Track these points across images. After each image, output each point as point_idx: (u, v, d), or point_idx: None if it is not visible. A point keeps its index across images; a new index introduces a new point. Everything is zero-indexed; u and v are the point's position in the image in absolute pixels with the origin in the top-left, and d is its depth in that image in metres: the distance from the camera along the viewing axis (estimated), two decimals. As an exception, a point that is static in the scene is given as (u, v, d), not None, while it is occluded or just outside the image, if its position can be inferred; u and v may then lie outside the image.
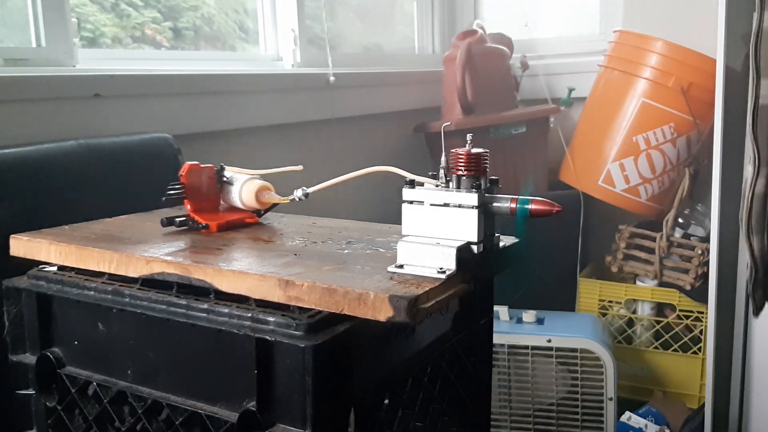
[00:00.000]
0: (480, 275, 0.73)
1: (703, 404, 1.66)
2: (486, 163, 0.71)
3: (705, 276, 1.77)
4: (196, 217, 0.87)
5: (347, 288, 0.64)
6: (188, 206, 0.88)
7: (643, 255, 1.89)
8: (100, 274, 0.78)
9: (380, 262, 0.72)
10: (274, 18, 1.77)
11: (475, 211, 0.69)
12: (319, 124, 1.76)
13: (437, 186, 0.72)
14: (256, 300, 0.68)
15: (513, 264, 0.78)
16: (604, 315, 1.91)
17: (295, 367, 0.63)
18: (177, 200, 0.87)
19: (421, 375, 0.77)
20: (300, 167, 0.94)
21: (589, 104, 2.05)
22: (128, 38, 1.50)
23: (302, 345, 0.62)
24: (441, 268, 0.67)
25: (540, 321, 1.68)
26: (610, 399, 1.60)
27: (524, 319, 1.68)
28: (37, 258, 0.82)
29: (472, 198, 0.70)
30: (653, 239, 1.86)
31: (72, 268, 0.80)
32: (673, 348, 1.86)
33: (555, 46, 2.35)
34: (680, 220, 1.87)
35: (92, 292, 0.77)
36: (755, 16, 0.93)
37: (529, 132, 2.03)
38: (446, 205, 0.70)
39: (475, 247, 0.70)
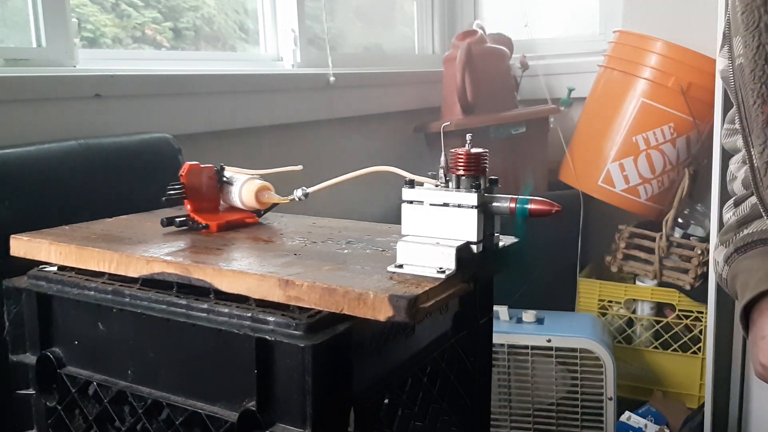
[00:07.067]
0: (480, 275, 0.73)
1: (703, 404, 1.66)
2: (485, 163, 0.72)
3: (704, 276, 1.77)
4: (196, 217, 0.87)
5: (347, 288, 0.64)
6: (188, 206, 0.88)
7: (642, 255, 1.89)
8: (100, 274, 0.78)
9: (380, 262, 0.72)
10: (274, 18, 1.77)
11: (475, 211, 0.69)
12: (319, 124, 1.76)
13: (437, 186, 0.72)
14: (256, 300, 0.68)
15: (513, 264, 0.78)
16: (603, 315, 1.91)
17: (295, 367, 0.63)
18: (177, 200, 0.87)
19: (420, 375, 0.77)
20: (300, 167, 0.94)
21: (589, 104, 2.05)
22: (128, 38, 1.50)
23: (302, 345, 0.62)
24: (440, 268, 0.67)
25: (540, 321, 1.68)
26: (610, 399, 1.60)
27: (524, 318, 1.68)
28: (37, 258, 0.82)
29: (472, 198, 0.70)
30: (653, 239, 1.86)
31: (72, 268, 0.80)
32: (672, 348, 1.86)
33: (555, 46, 2.35)
34: (680, 220, 1.87)
35: (92, 292, 0.77)
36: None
37: (529, 132, 2.03)
38: (446, 204, 0.70)
39: (474, 247, 0.70)
